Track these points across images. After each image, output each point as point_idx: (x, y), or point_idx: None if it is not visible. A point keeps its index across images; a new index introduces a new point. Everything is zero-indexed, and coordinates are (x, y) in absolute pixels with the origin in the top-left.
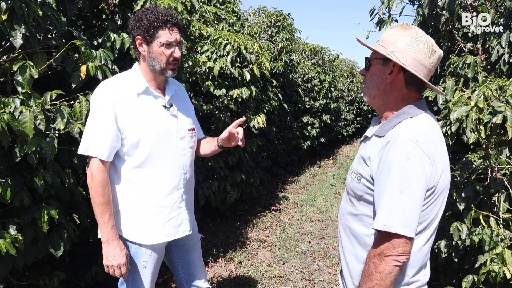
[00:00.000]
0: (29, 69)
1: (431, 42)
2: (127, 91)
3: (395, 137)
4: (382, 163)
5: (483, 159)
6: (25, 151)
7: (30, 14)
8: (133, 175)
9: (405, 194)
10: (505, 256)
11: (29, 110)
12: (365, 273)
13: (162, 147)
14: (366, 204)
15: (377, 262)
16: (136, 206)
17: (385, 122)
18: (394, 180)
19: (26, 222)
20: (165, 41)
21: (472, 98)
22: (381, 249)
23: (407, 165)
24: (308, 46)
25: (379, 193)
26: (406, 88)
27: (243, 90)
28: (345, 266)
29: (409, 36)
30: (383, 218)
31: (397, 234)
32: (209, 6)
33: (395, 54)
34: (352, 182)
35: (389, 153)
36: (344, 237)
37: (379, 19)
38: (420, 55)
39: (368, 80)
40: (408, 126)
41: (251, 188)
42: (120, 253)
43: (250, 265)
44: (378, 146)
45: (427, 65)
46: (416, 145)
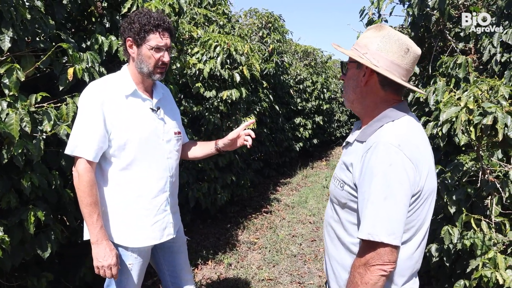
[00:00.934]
0: (16, 71)
1: (403, 40)
2: (115, 93)
3: (376, 142)
4: (364, 169)
5: (475, 161)
6: (11, 153)
7: (18, 17)
8: (119, 177)
9: (389, 201)
10: (498, 261)
11: (16, 112)
12: (351, 283)
13: (149, 150)
14: (350, 211)
15: (362, 272)
16: (122, 209)
17: (366, 127)
18: (377, 187)
19: (14, 224)
20: (155, 44)
21: (462, 99)
22: (366, 259)
23: (390, 171)
24: (300, 47)
25: (363, 200)
26: (383, 89)
27: (233, 92)
28: (332, 276)
29: (380, 36)
30: (367, 226)
31: (382, 243)
32: (200, 8)
33: (366, 56)
34: (336, 189)
35: (371, 159)
36: (331, 246)
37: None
38: (392, 55)
39: (346, 84)
40: (389, 130)
41: (241, 190)
42: (110, 253)
43: (239, 267)
44: (360, 152)
45: (402, 65)
46: (399, 150)
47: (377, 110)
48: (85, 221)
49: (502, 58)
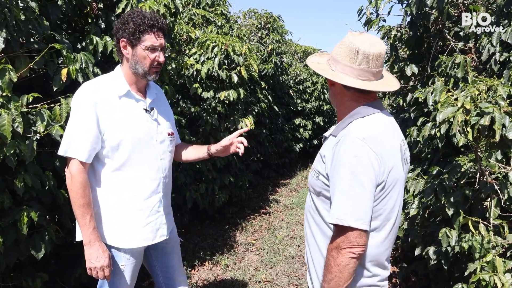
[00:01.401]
0: (9, 72)
1: (354, 43)
2: (108, 93)
3: (345, 136)
4: (334, 161)
5: (473, 163)
6: (3, 153)
7: (12, 18)
8: (112, 178)
9: (355, 189)
10: (496, 264)
11: (8, 113)
12: (325, 266)
13: (142, 150)
14: (325, 199)
15: (335, 255)
16: (114, 210)
17: (340, 123)
18: (344, 176)
19: (7, 224)
20: (150, 45)
21: (458, 99)
22: (337, 243)
23: (355, 162)
24: (300, 47)
25: (332, 189)
26: (346, 90)
27: (231, 92)
28: (310, 263)
29: (339, 43)
30: (335, 212)
31: (350, 227)
32: (198, 9)
33: (329, 63)
34: (312, 179)
35: (340, 151)
36: (309, 234)
37: (367, 19)
38: (344, 58)
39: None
40: (357, 125)
41: (240, 191)
42: (103, 254)
43: (237, 268)
44: (331, 145)
45: (354, 66)
46: (364, 143)
47: (347, 108)
48: (78, 222)
49: (501, 58)
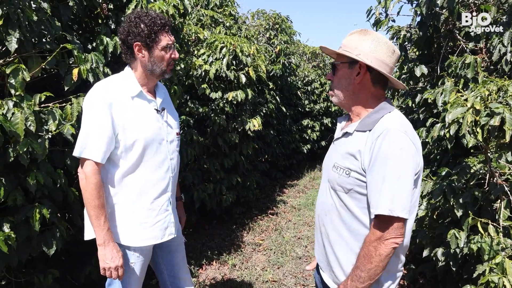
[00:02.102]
0: (22, 72)
1: (390, 43)
2: (121, 94)
3: (387, 129)
4: (376, 154)
5: (483, 164)
6: (16, 151)
7: (24, 19)
8: (124, 178)
9: (402, 180)
10: (506, 266)
11: (21, 111)
12: (364, 256)
13: (154, 151)
14: (357, 195)
15: (377, 246)
16: (124, 209)
17: (365, 118)
18: (392, 168)
19: (20, 221)
20: (166, 44)
21: (468, 100)
22: (380, 233)
23: (402, 154)
24: (309, 48)
25: (377, 182)
26: (373, 86)
27: (239, 93)
28: (334, 262)
29: (370, 39)
30: (386, 203)
31: (397, 217)
32: (207, 10)
33: (360, 57)
34: (340, 177)
35: (383, 144)
36: (333, 232)
37: (376, 19)
38: (382, 55)
39: (336, 83)
40: (393, 119)
41: (247, 191)
42: (117, 255)
43: (244, 268)
44: (366, 140)
45: (389, 64)
46: (406, 135)
47: (368, 104)
48: (92, 223)
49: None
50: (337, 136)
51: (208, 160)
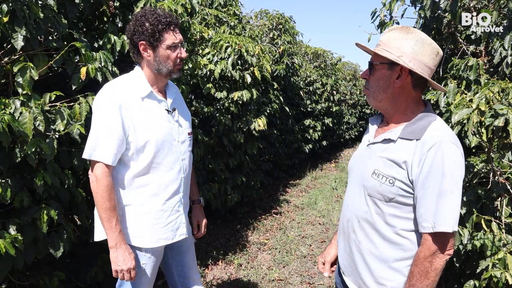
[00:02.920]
0: (29, 70)
1: (434, 44)
2: (131, 95)
3: (439, 141)
4: (428, 167)
5: (485, 163)
6: (25, 151)
7: (31, 16)
8: (135, 180)
9: (455, 194)
10: (507, 262)
11: (29, 111)
12: (420, 273)
13: (166, 152)
14: (397, 205)
15: (432, 260)
16: (136, 210)
17: (409, 125)
18: (447, 183)
19: (26, 223)
20: (171, 43)
21: (473, 101)
22: (434, 249)
23: (455, 167)
24: (311, 49)
25: (431, 196)
26: (414, 90)
27: (244, 93)
28: (364, 270)
29: (414, 40)
30: (446, 220)
31: (452, 232)
32: (211, 9)
33: (402, 59)
34: (382, 185)
35: (437, 158)
36: (365, 241)
37: (381, 21)
38: (426, 57)
39: (373, 84)
40: (442, 128)
41: (251, 191)
42: (129, 257)
43: (250, 268)
44: (415, 150)
45: (431, 67)
46: (457, 148)
47: (407, 108)
48: (103, 225)
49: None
50: (375, 140)
51: (213, 160)
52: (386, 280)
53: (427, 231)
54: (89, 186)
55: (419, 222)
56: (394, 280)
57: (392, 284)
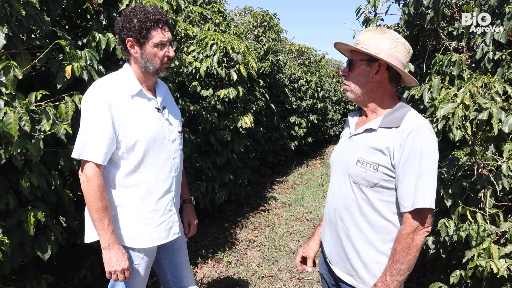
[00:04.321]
0: (13, 69)
1: (406, 43)
2: (121, 93)
3: (417, 127)
4: (408, 150)
5: (469, 156)
6: (10, 152)
7: (13, 13)
8: (126, 180)
9: (432, 174)
10: (492, 251)
11: (14, 111)
12: (402, 249)
13: (156, 150)
14: (381, 189)
15: (414, 236)
16: (128, 210)
17: (387, 115)
18: (425, 164)
19: (12, 225)
20: (159, 41)
21: (458, 95)
22: (416, 224)
23: (432, 150)
24: (295, 46)
25: (411, 177)
26: (390, 84)
27: (230, 90)
28: (353, 256)
29: (389, 39)
30: (424, 198)
31: (430, 208)
32: (195, 6)
33: (381, 56)
34: (367, 171)
35: (415, 141)
36: (352, 227)
37: (365, 18)
38: (400, 54)
39: (353, 80)
40: (417, 116)
41: (239, 189)
42: (122, 257)
43: (239, 265)
44: (395, 136)
45: (404, 63)
46: (432, 133)
47: (384, 101)
48: (95, 226)
49: (495, 56)
50: (356, 132)
51: (200, 158)
52: (373, 263)
53: (408, 209)
54: (75, 187)
55: (400, 203)
56: (381, 262)
57: (379, 266)
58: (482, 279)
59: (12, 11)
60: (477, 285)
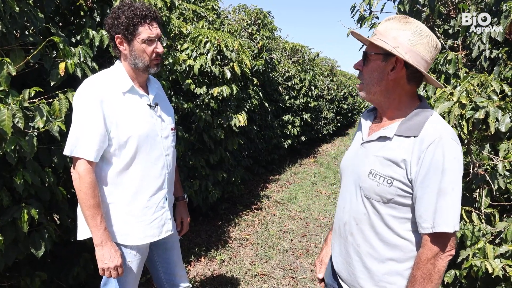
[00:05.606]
0: (7, 66)
1: (433, 37)
2: (113, 90)
3: (438, 137)
4: (427, 165)
5: (465, 155)
6: (3, 150)
7: (6, 10)
8: (118, 176)
9: (456, 192)
10: (487, 251)
11: (7, 108)
12: (423, 277)
13: (148, 147)
14: (396, 205)
15: (435, 262)
16: (121, 207)
17: (405, 121)
18: (447, 181)
19: (6, 223)
20: (147, 37)
21: (454, 94)
22: (437, 249)
23: (455, 164)
24: (289, 44)
25: (431, 195)
26: (408, 84)
27: (224, 88)
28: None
29: (412, 31)
30: (447, 220)
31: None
32: (189, 4)
33: (398, 50)
34: (380, 186)
35: (436, 154)
36: (363, 243)
37: (360, 16)
38: (423, 50)
39: (366, 76)
40: (441, 124)
41: (232, 187)
42: (115, 254)
43: (232, 263)
44: (413, 148)
45: (428, 60)
46: (457, 144)
47: (402, 103)
48: (88, 223)
49: (492, 55)
50: (370, 138)
51: (194, 156)
52: (386, 283)
53: (427, 231)
54: (69, 184)
55: (419, 223)
56: (395, 283)
57: (392, 287)
58: (477, 279)
59: (5, 7)
60: (472, 285)
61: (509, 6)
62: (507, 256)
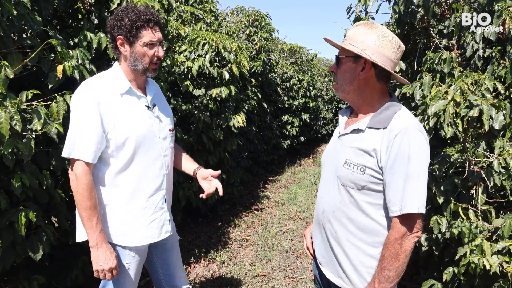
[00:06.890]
0: (4, 69)
1: (396, 39)
2: (110, 91)
3: (404, 128)
4: (395, 153)
5: (461, 153)
6: (1, 152)
7: (4, 13)
8: (116, 177)
9: (421, 177)
10: (484, 248)
11: (5, 110)
12: (390, 255)
13: (146, 148)
14: (369, 192)
15: (402, 242)
16: (119, 208)
17: (376, 115)
18: (413, 167)
19: (4, 226)
20: (149, 40)
21: (449, 93)
22: (404, 230)
23: (420, 152)
24: (287, 45)
25: (399, 180)
26: (378, 82)
27: (222, 90)
28: (343, 259)
29: (376, 34)
30: (412, 202)
31: (420, 213)
32: (187, 6)
33: (366, 52)
34: (354, 174)
35: (403, 143)
36: (341, 230)
37: (356, 16)
38: (388, 51)
39: (340, 77)
40: (406, 116)
41: (232, 188)
42: (110, 256)
43: (232, 264)
44: (382, 138)
45: (393, 59)
46: (422, 134)
47: (374, 99)
48: (84, 224)
49: (485, 54)
50: (345, 131)
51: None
52: (363, 267)
53: (395, 214)
54: (67, 186)
55: (389, 207)
56: (371, 266)
57: (369, 270)
58: (475, 276)
59: (3, 10)
60: (470, 282)
61: (501, 6)
62: (504, 252)
